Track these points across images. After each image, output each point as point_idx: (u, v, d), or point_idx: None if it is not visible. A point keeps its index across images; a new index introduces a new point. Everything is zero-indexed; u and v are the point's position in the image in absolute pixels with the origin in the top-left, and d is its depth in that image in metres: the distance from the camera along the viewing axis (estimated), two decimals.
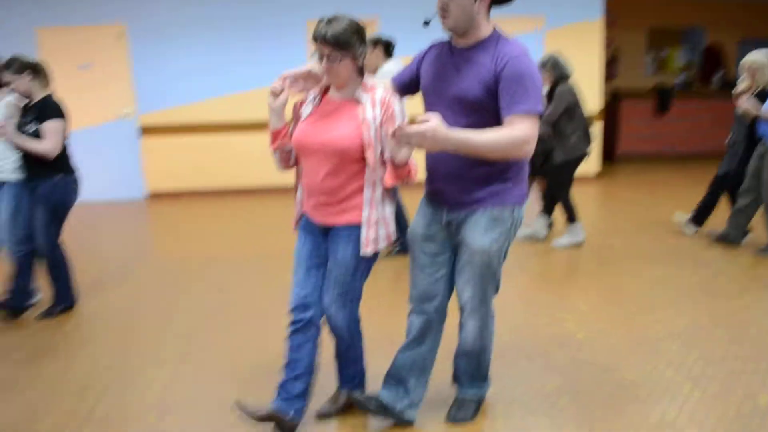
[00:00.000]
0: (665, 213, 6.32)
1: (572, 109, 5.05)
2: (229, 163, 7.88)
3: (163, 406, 2.91)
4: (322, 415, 2.75)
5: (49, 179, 3.86)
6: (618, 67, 10.30)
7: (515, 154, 2.30)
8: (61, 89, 7.52)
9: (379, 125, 2.40)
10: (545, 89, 5.29)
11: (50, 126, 3.77)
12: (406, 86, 2.64)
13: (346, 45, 2.33)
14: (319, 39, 2.32)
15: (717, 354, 3.27)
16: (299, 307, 2.52)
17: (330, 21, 2.32)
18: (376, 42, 4.76)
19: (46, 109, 3.80)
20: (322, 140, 2.42)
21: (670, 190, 7.63)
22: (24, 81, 3.79)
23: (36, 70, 3.83)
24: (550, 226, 5.72)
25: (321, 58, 2.36)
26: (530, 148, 2.29)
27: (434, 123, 2.14)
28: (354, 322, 2.63)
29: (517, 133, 2.25)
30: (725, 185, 5.33)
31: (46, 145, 3.75)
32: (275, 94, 2.44)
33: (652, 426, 2.64)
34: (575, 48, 7.93)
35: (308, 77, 2.48)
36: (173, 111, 7.74)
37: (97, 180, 7.81)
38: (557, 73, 5.07)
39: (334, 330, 2.61)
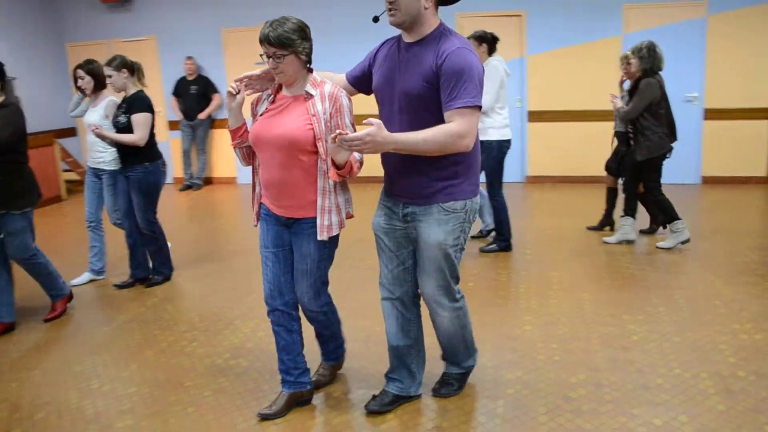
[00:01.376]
0: None
1: (656, 105, 4.84)
2: None
3: (237, 351, 3.53)
4: (318, 384, 3.05)
5: (140, 166, 4.40)
6: None
7: (454, 149, 2.36)
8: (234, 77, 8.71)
9: (328, 118, 2.53)
10: (627, 82, 5.23)
11: (138, 118, 4.31)
12: (359, 81, 2.72)
13: (288, 43, 2.46)
14: (264, 40, 2.47)
15: (724, 372, 3.09)
16: (271, 297, 2.75)
17: (273, 23, 2.47)
18: (481, 39, 4.90)
19: (136, 103, 4.33)
20: (275, 134, 2.55)
21: None
22: (120, 77, 4.35)
23: (132, 69, 4.40)
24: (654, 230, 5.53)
25: (268, 57, 2.51)
26: (468, 142, 2.36)
27: (373, 129, 2.23)
28: (326, 305, 2.85)
29: (453, 128, 2.32)
30: None
31: (135, 136, 4.29)
32: (232, 95, 2.59)
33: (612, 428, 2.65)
34: (742, 36, 7.26)
35: (262, 78, 2.67)
36: None
37: None
38: (648, 63, 4.85)
39: (310, 317, 2.86)
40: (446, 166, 2.48)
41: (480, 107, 2.37)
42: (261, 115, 2.65)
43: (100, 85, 4.57)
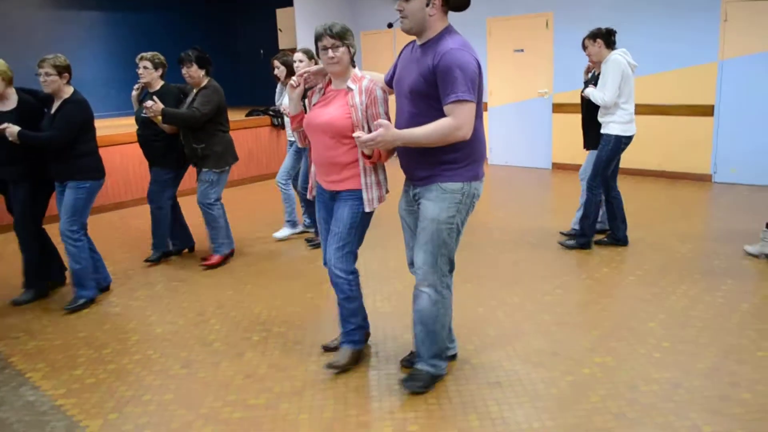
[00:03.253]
0: None
1: None
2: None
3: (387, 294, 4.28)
4: (331, 366, 3.25)
5: None
6: None
7: (453, 139, 2.66)
8: (500, 69, 9.24)
9: (365, 108, 2.96)
10: None
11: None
12: (391, 79, 3.02)
13: (344, 36, 2.94)
14: (325, 33, 2.93)
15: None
16: (327, 262, 3.20)
17: (327, 23, 2.96)
18: (593, 36, 4.90)
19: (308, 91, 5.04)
20: (321, 121, 3.01)
21: None
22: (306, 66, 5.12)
23: (311, 58, 5.18)
24: None
25: (324, 50, 2.95)
26: (464, 133, 2.64)
27: (381, 130, 2.65)
28: (352, 274, 3.14)
29: (449, 121, 2.62)
30: None
31: None
32: (293, 87, 3.13)
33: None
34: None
35: (318, 74, 3.16)
36: None
37: (516, 147, 9.37)
38: None
39: (335, 280, 3.14)
40: (447, 152, 2.76)
41: (468, 101, 2.61)
42: (314, 105, 3.14)
43: (291, 72, 5.36)
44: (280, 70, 5.52)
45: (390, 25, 3.12)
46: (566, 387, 3.04)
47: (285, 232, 5.83)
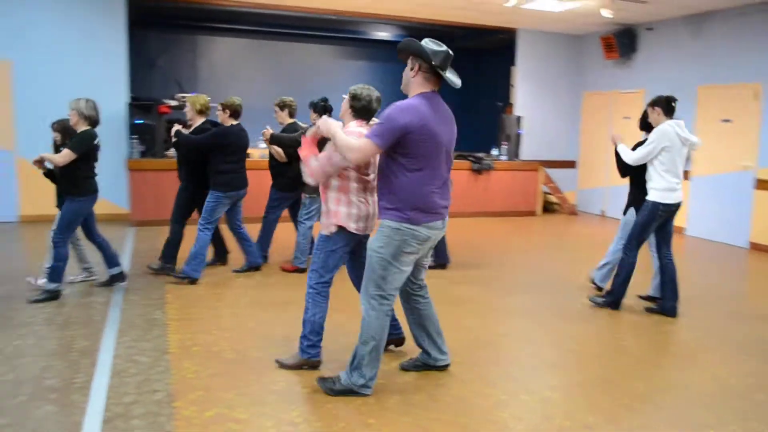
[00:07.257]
0: None
1: None
2: None
3: None
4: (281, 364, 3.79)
5: None
6: None
7: (344, 154, 3.25)
8: (705, 138, 8.83)
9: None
10: None
11: None
12: None
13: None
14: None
15: None
16: None
17: None
18: (653, 103, 5.02)
19: None
20: None
21: None
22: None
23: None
24: None
25: None
26: (354, 156, 3.23)
27: (322, 120, 3.42)
28: (309, 288, 3.65)
29: (353, 142, 3.24)
30: None
31: None
32: None
33: None
34: None
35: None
36: None
37: (709, 221, 8.78)
38: None
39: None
40: (386, 194, 3.35)
41: (372, 142, 3.19)
42: None
43: None
44: None
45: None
46: None
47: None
